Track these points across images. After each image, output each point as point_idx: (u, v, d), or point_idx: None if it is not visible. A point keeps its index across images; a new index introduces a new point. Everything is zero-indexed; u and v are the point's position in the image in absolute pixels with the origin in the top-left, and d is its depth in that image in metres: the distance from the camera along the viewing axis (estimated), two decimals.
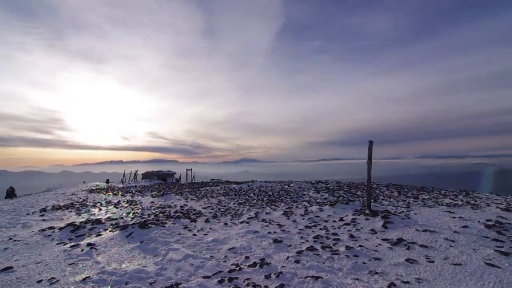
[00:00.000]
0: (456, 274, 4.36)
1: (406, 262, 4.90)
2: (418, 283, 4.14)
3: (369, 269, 4.70)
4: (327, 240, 6.42)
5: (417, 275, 4.38)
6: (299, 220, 8.41)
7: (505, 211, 8.25)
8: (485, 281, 4.08)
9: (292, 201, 11.95)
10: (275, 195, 13.77)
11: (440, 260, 4.89)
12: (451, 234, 6.20)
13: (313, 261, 5.10)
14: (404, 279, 4.28)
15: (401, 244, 5.82)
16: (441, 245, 5.61)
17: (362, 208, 9.24)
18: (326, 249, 5.76)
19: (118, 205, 12.55)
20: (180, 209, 11.10)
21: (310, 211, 9.53)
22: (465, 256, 5.02)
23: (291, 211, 9.76)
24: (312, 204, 10.74)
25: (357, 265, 4.86)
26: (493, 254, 5.02)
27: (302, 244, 6.19)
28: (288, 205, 11.02)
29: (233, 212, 10.18)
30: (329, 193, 13.86)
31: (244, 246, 6.15)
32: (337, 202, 10.29)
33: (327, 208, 9.56)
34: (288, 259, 5.28)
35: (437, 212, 8.40)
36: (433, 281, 4.18)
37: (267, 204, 11.51)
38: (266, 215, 9.38)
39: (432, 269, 4.58)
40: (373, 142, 8.12)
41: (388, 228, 6.99)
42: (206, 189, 17.54)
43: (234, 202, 12.27)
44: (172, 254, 5.80)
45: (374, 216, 7.98)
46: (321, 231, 7.20)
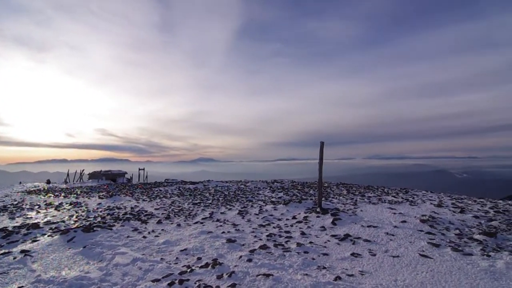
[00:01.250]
0: (395, 265, 4.73)
1: (352, 256, 5.20)
2: (361, 275, 4.41)
3: (318, 264, 4.90)
4: (279, 238, 6.56)
5: (360, 268, 4.67)
6: (254, 219, 8.48)
7: (437, 207, 9.19)
8: (418, 270, 4.48)
9: (247, 200, 12.01)
10: (231, 195, 13.74)
11: (381, 253, 5.27)
12: (391, 229, 6.72)
13: (265, 259, 5.17)
14: (349, 272, 4.53)
15: (348, 239, 6.17)
16: (383, 239, 6.05)
17: (314, 206, 9.62)
18: (279, 246, 5.88)
19: (59, 208, 11.50)
20: (131, 210, 10.53)
21: (265, 210, 9.67)
22: (403, 248, 5.48)
23: (246, 210, 9.81)
24: (267, 203, 10.91)
25: (306, 261, 5.04)
26: (426, 246, 5.55)
27: (255, 243, 6.25)
28: (244, 204, 11.06)
29: (187, 212, 9.93)
30: (283, 192, 14.20)
31: (197, 247, 6.02)
32: (291, 201, 10.59)
33: (281, 207, 9.78)
34: (241, 258, 5.29)
35: (380, 208, 9.06)
36: (374, 272, 4.49)
37: (223, 204, 11.43)
38: (221, 215, 9.30)
39: (374, 261, 4.91)
40: (324, 143, 8.49)
41: (336, 224, 7.36)
42: (159, 189, 16.88)
43: (188, 203, 11.98)
44: (119, 259, 5.47)
45: (325, 213, 8.35)
46: (275, 229, 7.33)
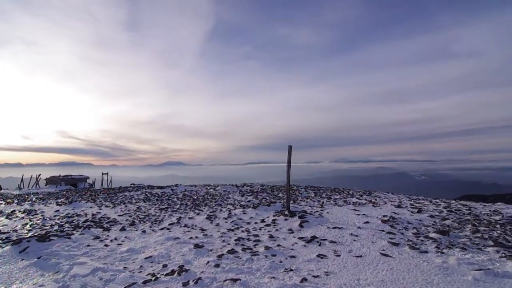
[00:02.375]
0: (358, 265, 4.91)
1: (318, 258, 5.32)
2: (326, 276, 4.53)
3: (285, 267, 4.96)
4: (248, 241, 6.55)
5: (326, 269, 4.79)
6: (222, 224, 8.40)
7: (397, 208, 9.69)
8: (379, 269, 4.69)
9: (217, 204, 11.88)
10: (200, 199, 13.51)
11: (345, 254, 5.45)
12: (355, 230, 6.98)
13: (233, 264, 5.13)
14: (315, 273, 4.63)
15: (314, 241, 6.31)
16: (347, 240, 6.26)
17: (282, 209, 9.73)
18: (247, 250, 5.86)
19: (11, 216, 10.59)
20: (92, 217, 9.97)
21: (234, 214, 9.61)
22: (365, 248, 5.71)
23: (215, 214, 9.69)
24: (236, 207, 10.86)
25: (274, 264, 5.07)
26: (387, 245, 5.83)
27: (223, 247, 6.18)
28: (213, 208, 10.92)
29: (154, 218, 9.61)
30: (253, 196, 14.23)
31: (163, 254, 5.83)
32: (260, 204, 10.63)
33: (250, 211, 9.78)
34: (208, 263, 5.20)
35: (346, 210, 9.39)
36: (338, 273, 4.63)
37: (191, 208, 11.20)
38: (189, 220, 9.11)
39: (338, 262, 5.07)
40: (292, 147, 8.65)
41: (304, 227, 7.50)
42: (124, 194, 16.17)
43: (155, 208, 11.59)
44: (77, 269, 5.13)
45: (293, 216, 8.48)
46: (243, 233, 7.31)
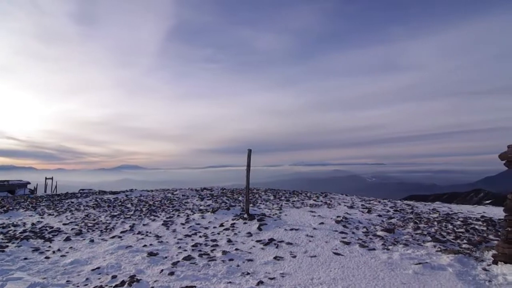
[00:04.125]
0: (312, 265, 5.09)
1: (274, 260, 5.41)
2: (282, 277, 4.62)
3: (242, 270, 4.96)
4: (205, 247, 6.44)
5: (282, 271, 4.89)
6: (179, 230, 8.17)
7: (350, 208, 10.23)
8: (332, 268, 4.91)
9: (174, 210, 11.51)
10: (156, 205, 12.98)
11: (301, 254, 5.61)
12: (311, 231, 7.22)
13: (188, 271, 5.01)
14: (271, 275, 4.70)
15: (272, 243, 6.41)
16: (303, 241, 6.46)
17: (242, 212, 9.74)
18: (204, 256, 5.77)
19: None
20: (32, 227, 9.06)
21: (192, 219, 9.40)
22: (320, 248, 5.94)
23: (172, 220, 9.38)
24: (194, 212, 10.62)
25: (231, 268, 5.05)
26: (339, 244, 6.12)
27: (179, 254, 6.01)
28: (170, 214, 10.56)
29: (104, 226, 9.02)
30: (213, 200, 14.03)
31: (113, 264, 5.50)
32: (219, 208, 10.53)
33: (209, 215, 9.64)
34: (163, 272, 5.02)
35: (303, 212, 9.67)
36: (294, 273, 4.75)
37: (146, 214, 10.72)
38: (143, 227, 8.70)
39: (294, 263, 5.20)
40: (251, 151, 8.73)
41: (262, 230, 7.58)
42: (71, 201, 14.95)
43: (106, 215, 10.89)
44: (11, 285, 4.63)
45: (251, 219, 8.52)
46: (201, 238, 7.18)
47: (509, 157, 4.69)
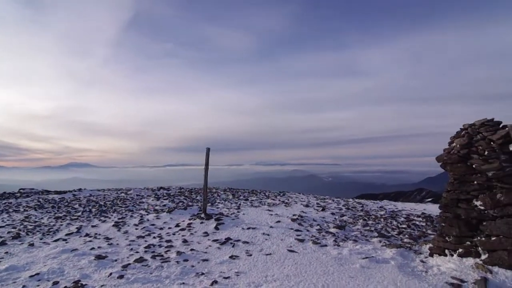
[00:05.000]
0: (267, 262, 5.17)
1: (230, 259, 5.40)
2: (237, 276, 4.63)
3: (197, 271, 4.88)
4: (159, 248, 6.23)
5: (237, 269, 4.90)
6: (132, 231, 7.80)
7: (305, 207, 10.58)
8: (286, 265, 5.03)
9: (127, 210, 10.96)
10: (108, 205, 12.25)
11: (256, 253, 5.68)
12: (267, 229, 7.34)
13: (140, 273, 4.80)
14: (226, 275, 4.69)
15: (228, 243, 6.39)
16: (259, 239, 6.54)
17: (199, 212, 9.58)
18: (157, 258, 5.57)
19: None
20: None
21: (146, 219, 9.03)
22: (275, 246, 6.05)
23: (124, 221, 8.92)
24: (149, 212, 10.22)
25: (185, 269, 4.95)
26: (294, 242, 6.30)
27: (130, 256, 5.74)
28: (122, 215, 10.04)
29: (47, 229, 8.29)
30: (169, 200, 13.61)
31: (55, 270, 5.08)
32: (176, 208, 10.25)
33: (165, 215, 9.34)
34: (111, 275, 4.75)
35: (260, 211, 9.79)
36: (249, 272, 4.79)
37: (96, 215, 10.07)
38: (92, 229, 8.16)
39: (249, 261, 5.24)
40: (209, 149, 8.63)
41: (219, 229, 7.53)
42: (8, 202, 13.51)
43: (50, 216, 10.02)
44: None
45: (209, 219, 8.43)
46: (155, 239, 6.93)
47: (444, 159, 5.19)
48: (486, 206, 4.68)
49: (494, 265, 4.47)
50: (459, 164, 5.00)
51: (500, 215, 4.58)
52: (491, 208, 4.64)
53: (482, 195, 4.76)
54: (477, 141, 4.85)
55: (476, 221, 4.84)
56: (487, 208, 4.69)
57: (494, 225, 4.59)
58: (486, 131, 4.78)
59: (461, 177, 5.01)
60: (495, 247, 4.55)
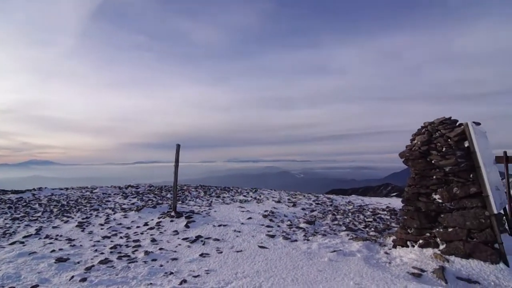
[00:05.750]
0: (237, 259, 5.16)
1: (200, 257, 5.33)
2: (207, 274, 4.58)
3: (165, 270, 4.76)
4: (126, 248, 6.00)
5: (207, 267, 4.84)
6: (97, 231, 7.45)
7: (277, 203, 10.70)
8: (256, 261, 5.05)
9: (92, 209, 10.46)
10: (71, 204, 11.61)
11: (227, 250, 5.64)
12: (239, 226, 7.32)
13: (104, 275, 4.59)
14: (195, 273, 4.61)
15: (199, 240, 6.30)
16: (230, 237, 6.51)
17: (169, 210, 9.36)
18: (123, 258, 5.36)
19: None
20: None
21: (113, 219, 8.67)
22: (246, 243, 6.05)
23: (88, 221, 8.50)
24: (116, 211, 9.82)
25: (153, 269, 4.80)
26: (265, 238, 6.34)
27: (95, 258, 5.47)
28: (87, 214, 9.56)
29: (2, 231, 7.69)
30: (138, 198, 13.18)
31: (10, 275, 4.71)
32: (145, 207, 9.94)
33: (133, 214, 9.01)
34: (73, 278, 4.50)
35: (232, 208, 9.76)
36: (219, 269, 4.75)
37: (58, 216, 9.50)
38: (53, 230, 7.69)
39: (220, 259, 5.20)
40: (180, 146, 8.44)
41: (190, 227, 7.40)
42: None
43: (6, 218, 9.31)
44: None
45: (179, 217, 8.25)
46: (122, 239, 6.66)
47: (407, 155, 5.46)
48: (444, 200, 4.99)
49: (451, 255, 4.78)
50: (419, 160, 5.28)
51: (456, 208, 4.91)
52: (448, 201, 4.96)
53: (440, 189, 5.07)
54: (436, 138, 5.15)
55: (435, 213, 5.14)
56: (444, 201, 5.00)
57: (451, 217, 4.91)
58: (444, 129, 5.09)
59: (421, 172, 5.30)
60: (452, 237, 4.86)
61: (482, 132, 5.35)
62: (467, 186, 4.81)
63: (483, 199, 4.66)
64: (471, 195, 4.78)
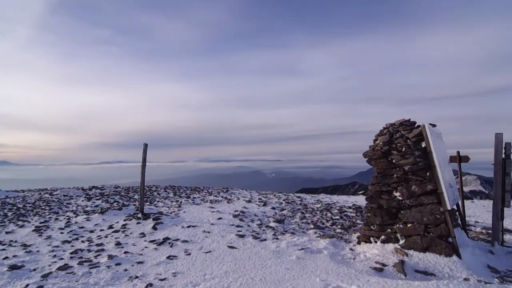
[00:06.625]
0: (206, 260, 5.10)
1: (167, 260, 5.20)
2: (174, 276, 4.48)
3: (130, 275, 4.59)
4: (88, 253, 5.71)
5: (174, 270, 4.74)
6: (56, 235, 7.01)
7: (248, 203, 10.72)
8: (225, 261, 5.02)
9: (52, 212, 9.82)
10: (28, 208, 10.82)
11: (196, 251, 5.56)
12: (208, 227, 7.25)
13: (63, 282, 4.34)
14: (162, 276, 4.49)
15: (166, 243, 6.15)
16: (199, 238, 6.42)
17: (136, 212, 9.04)
18: (85, 263, 5.09)
19: None
20: None
21: (74, 222, 8.21)
22: (215, 243, 6.01)
23: (47, 225, 7.98)
24: (78, 214, 9.31)
25: (117, 274, 4.61)
26: (234, 238, 6.33)
27: (53, 264, 5.15)
28: (45, 218, 8.96)
29: None
30: (102, 200, 12.58)
31: None
32: (110, 209, 9.52)
33: (96, 217, 8.60)
34: (28, 287, 4.20)
35: (202, 208, 9.63)
36: (187, 271, 4.67)
37: (12, 220, 8.82)
38: (6, 235, 7.13)
39: (188, 261, 5.11)
40: (147, 145, 8.19)
41: (157, 229, 7.20)
42: None
43: None
44: None
45: (146, 219, 8.00)
46: (83, 244, 6.33)
47: (370, 155, 5.71)
48: (403, 197, 5.28)
49: (410, 249, 5.07)
50: (381, 159, 5.54)
51: (415, 204, 5.21)
52: (407, 198, 5.25)
53: (400, 187, 5.35)
54: (397, 138, 5.44)
55: (395, 210, 5.43)
56: (404, 198, 5.29)
57: (409, 213, 5.20)
58: (404, 130, 5.39)
59: (383, 171, 5.57)
60: (411, 232, 5.16)
61: (437, 133, 5.73)
62: (424, 184, 5.13)
63: (438, 196, 4.99)
64: (427, 192, 5.10)
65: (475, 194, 77.19)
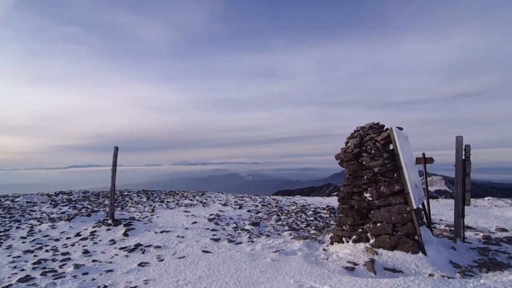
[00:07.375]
0: (179, 266, 4.99)
1: (139, 267, 5.03)
2: (145, 284, 4.34)
3: (98, 284, 4.39)
4: (53, 263, 5.40)
5: (145, 277, 4.59)
6: (18, 245, 6.58)
7: (223, 206, 10.64)
8: (199, 266, 4.94)
9: (13, 221, 9.20)
10: None
11: (169, 257, 5.43)
12: (182, 231, 7.11)
13: None
14: (132, 284, 4.34)
15: (138, 249, 5.95)
16: (173, 243, 6.28)
17: (106, 218, 8.68)
18: (48, 274, 4.81)
19: None
20: None
21: (38, 230, 7.75)
22: (189, 248, 5.90)
23: (7, 234, 7.47)
24: (43, 222, 8.79)
25: (84, 283, 4.40)
26: (209, 242, 6.25)
27: (13, 276, 4.82)
28: (5, 227, 8.38)
29: None
30: (70, 206, 11.97)
31: None
32: (77, 215, 9.08)
33: (62, 224, 8.16)
34: None
35: (176, 212, 9.43)
36: (159, 278, 4.54)
37: None
38: None
39: (160, 267, 4.98)
40: (118, 148, 7.91)
41: (129, 235, 6.96)
42: None
43: None
44: None
45: (117, 225, 7.71)
46: (48, 253, 5.98)
47: (341, 157, 5.87)
48: (373, 197, 5.47)
49: (379, 248, 5.25)
50: (352, 161, 5.71)
51: (383, 205, 5.41)
52: (377, 198, 5.45)
53: (370, 188, 5.54)
54: (367, 141, 5.63)
55: (366, 210, 5.61)
56: (373, 199, 5.48)
57: (379, 213, 5.40)
58: (373, 132, 5.59)
59: (354, 172, 5.74)
60: (380, 232, 5.35)
61: (404, 136, 6.00)
62: (392, 184, 5.34)
63: (405, 196, 5.22)
64: (395, 192, 5.32)
65: (441, 193, 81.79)
